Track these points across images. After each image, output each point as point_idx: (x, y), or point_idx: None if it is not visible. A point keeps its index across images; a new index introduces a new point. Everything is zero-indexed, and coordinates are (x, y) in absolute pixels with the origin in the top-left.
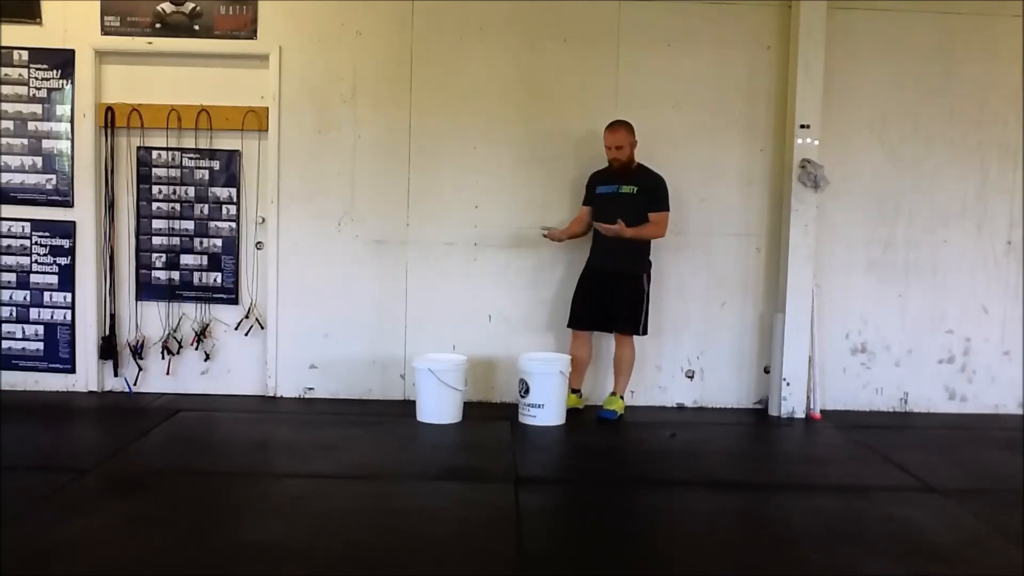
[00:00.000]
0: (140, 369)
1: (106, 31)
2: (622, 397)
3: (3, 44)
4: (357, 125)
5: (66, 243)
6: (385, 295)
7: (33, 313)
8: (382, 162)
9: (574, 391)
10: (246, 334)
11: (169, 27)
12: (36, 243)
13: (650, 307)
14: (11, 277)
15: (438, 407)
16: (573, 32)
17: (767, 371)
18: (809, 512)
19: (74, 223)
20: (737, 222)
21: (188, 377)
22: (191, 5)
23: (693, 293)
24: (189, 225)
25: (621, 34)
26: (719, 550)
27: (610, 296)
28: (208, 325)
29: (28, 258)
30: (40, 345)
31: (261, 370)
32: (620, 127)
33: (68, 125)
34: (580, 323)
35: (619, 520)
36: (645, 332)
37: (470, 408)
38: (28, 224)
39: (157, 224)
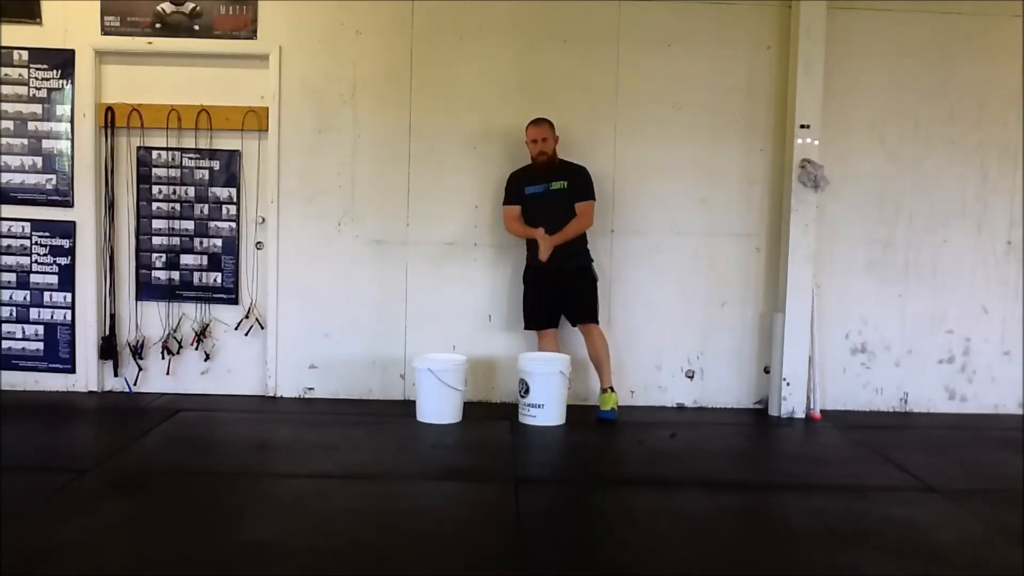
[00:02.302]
0: (140, 369)
1: (106, 31)
2: (613, 390)
3: (3, 44)
4: (357, 125)
5: (66, 243)
6: (385, 295)
7: (33, 313)
8: (382, 162)
9: None
10: (246, 334)
11: (169, 27)
12: (36, 243)
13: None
14: (11, 277)
15: (438, 407)
16: (573, 32)
17: (767, 371)
18: (809, 512)
19: (74, 223)
20: (737, 222)
21: (188, 377)
22: (191, 5)
23: (693, 293)
24: (189, 225)
25: (621, 34)
26: (719, 550)
27: (563, 290)
28: (208, 325)
29: (28, 258)
30: (40, 345)
31: (261, 370)
32: (544, 123)
33: (68, 125)
34: (539, 323)
35: (619, 520)
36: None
37: (470, 408)
38: (28, 224)
39: (157, 224)
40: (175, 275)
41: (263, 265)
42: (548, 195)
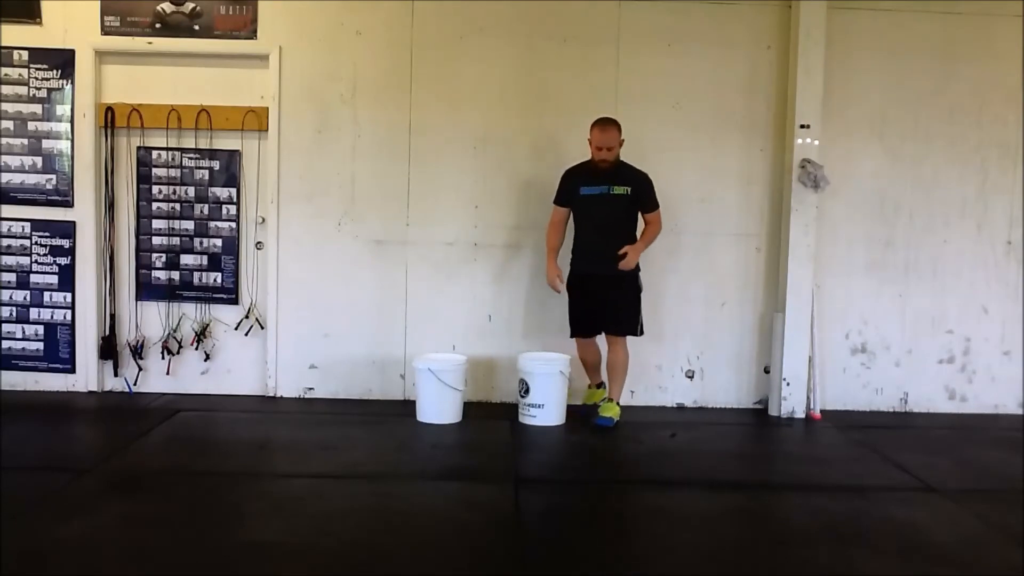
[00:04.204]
0: (140, 369)
1: (106, 31)
2: (619, 403)
3: (3, 44)
4: (357, 125)
5: (66, 243)
6: (385, 295)
7: (33, 313)
8: (382, 162)
9: (598, 386)
10: (246, 334)
11: (169, 27)
12: (36, 243)
13: (643, 306)
14: (11, 277)
15: (438, 407)
16: (573, 32)
17: (767, 371)
18: (809, 512)
19: (74, 223)
20: (737, 222)
21: (188, 377)
22: (191, 5)
23: (693, 293)
24: (189, 225)
25: (621, 34)
26: (719, 550)
27: (607, 298)
28: (208, 325)
29: (28, 258)
30: (40, 345)
31: (261, 370)
32: (612, 126)
33: (68, 125)
34: (585, 331)
35: (619, 520)
36: (642, 332)
37: (470, 408)
38: (28, 224)
39: (157, 224)
40: (175, 275)
41: (263, 265)
42: (608, 199)
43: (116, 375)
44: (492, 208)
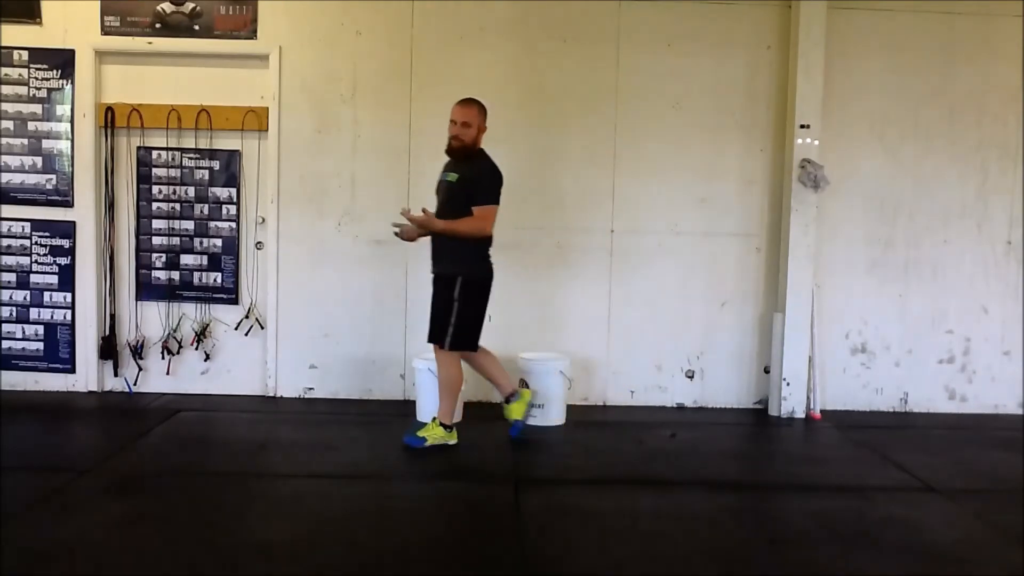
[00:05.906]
0: (140, 369)
1: (106, 31)
2: (444, 425)
3: (3, 44)
4: (357, 125)
5: (66, 243)
6: (385, 295)
7: (33, 313)
8: (382, 162)
9: (507, 399)
10: (246, 334)
11: (169, 27)
12: (36, 243)
13: (470, 322)
14: (11, 277)
15: (438, 407)
16: (573, 32)
17: (767, 371)
18: (809, 512)
19: (74, 223)
20: (737, 222)
21: (188, 377)
22: (191, 5)
23: (693, 293)
24: (189, 225)
25: (621, 34)
26: (719, 550)
27: (433, 299)
28: (208, 325)
29: (28, 258)
30: (40, 345)
31: (261, 370)
32: (472, 104)
33: (68, 125)
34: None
35: (619, 520)
36: (453, 347)
37: (470, 408)
38: (28, 224)
39: (157, 224)
40: (175, 275)
41: (263, 265)
42: (443, 187)
43: (116, 375)
44: None
